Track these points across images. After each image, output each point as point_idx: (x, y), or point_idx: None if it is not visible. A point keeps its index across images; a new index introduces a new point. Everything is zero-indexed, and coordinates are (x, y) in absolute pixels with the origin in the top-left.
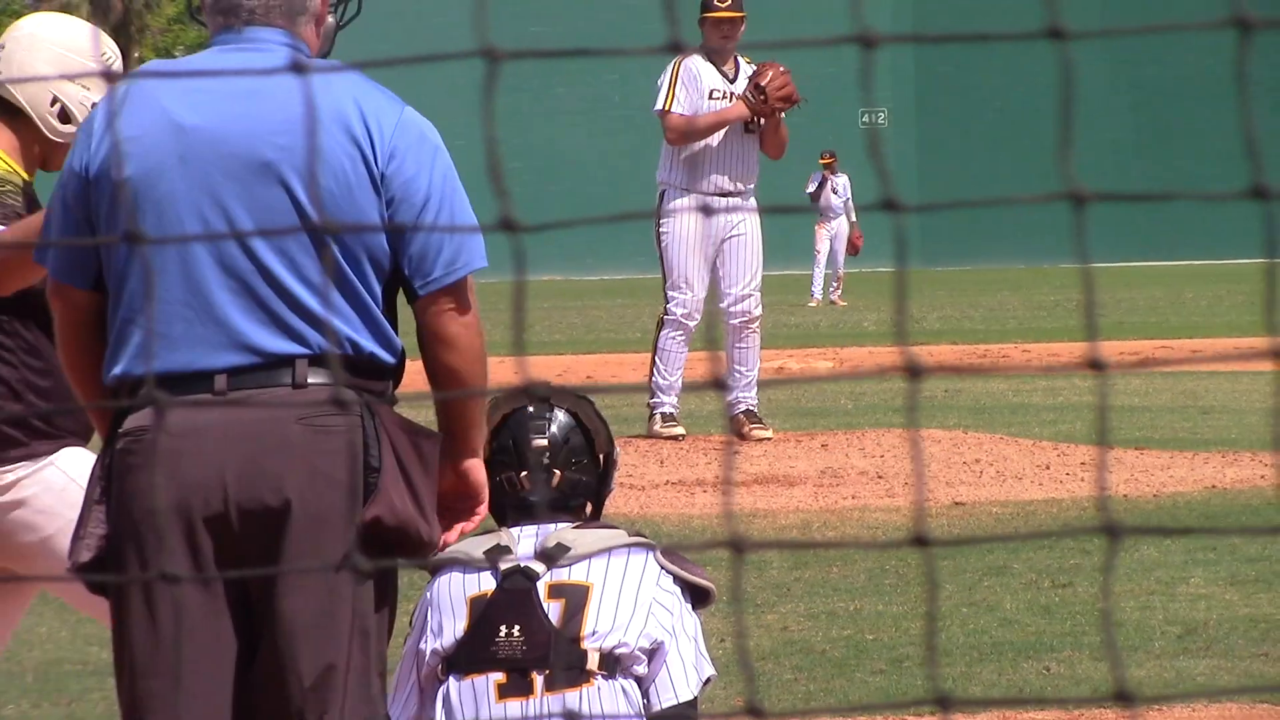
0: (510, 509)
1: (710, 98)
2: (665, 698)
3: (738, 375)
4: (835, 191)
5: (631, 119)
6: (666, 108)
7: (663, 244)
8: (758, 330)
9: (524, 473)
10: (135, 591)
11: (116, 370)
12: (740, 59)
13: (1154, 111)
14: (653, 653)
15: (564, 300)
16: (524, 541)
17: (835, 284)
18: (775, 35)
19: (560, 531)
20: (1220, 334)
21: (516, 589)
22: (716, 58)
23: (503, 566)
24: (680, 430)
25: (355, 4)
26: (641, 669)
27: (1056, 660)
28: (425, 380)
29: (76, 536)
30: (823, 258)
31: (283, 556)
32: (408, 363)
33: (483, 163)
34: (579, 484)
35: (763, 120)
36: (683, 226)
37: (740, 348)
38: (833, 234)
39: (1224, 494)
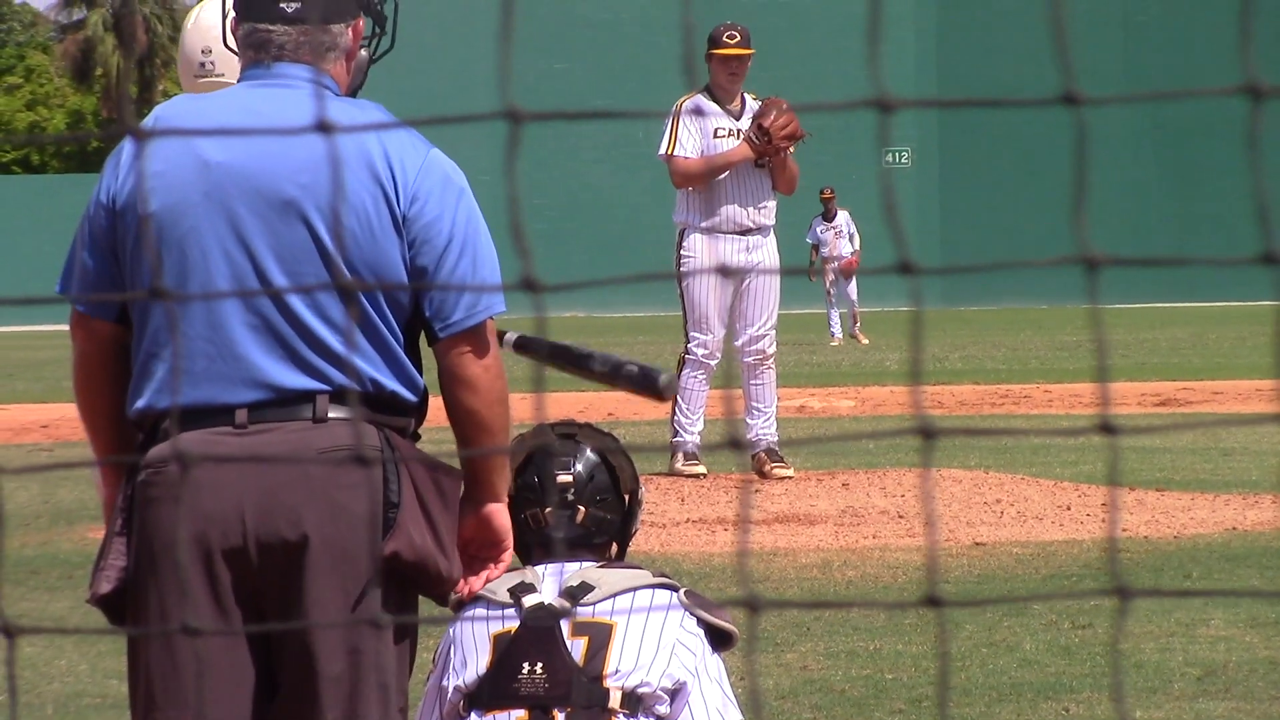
0: (534, 546)
1: (716, 136)
2: None
3: (756, 412)
4: (837, 232)
5: (654, 156)
6: (669, 152)
7: (683, 284)
8: (773, 367)
9: (548, 509)
10: (152, 622)
11: (140, 404)
12: (746, 95)
13: (1177, 150)
14: (675, 693)
15: (587, 337)
16: (548, 579)
17: (853, 320)
18: (793, 69)
19: (584, 570)
20: (1243, 375)
21: (540, 626)
22: (723, 95)
23: (526, 604)
24: (701, 469)
25: (389, 38)
26: (664, 709)
27: (1076, 701)
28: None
29: (97, 568)
30: (834, 297)
31: (301, 590)
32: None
33: (507, 197)
34: (603, 522)
35: (770, 159)
36: (703, 266)
37: (756, 385)
38: (838, 271)
39: (1244, 536)
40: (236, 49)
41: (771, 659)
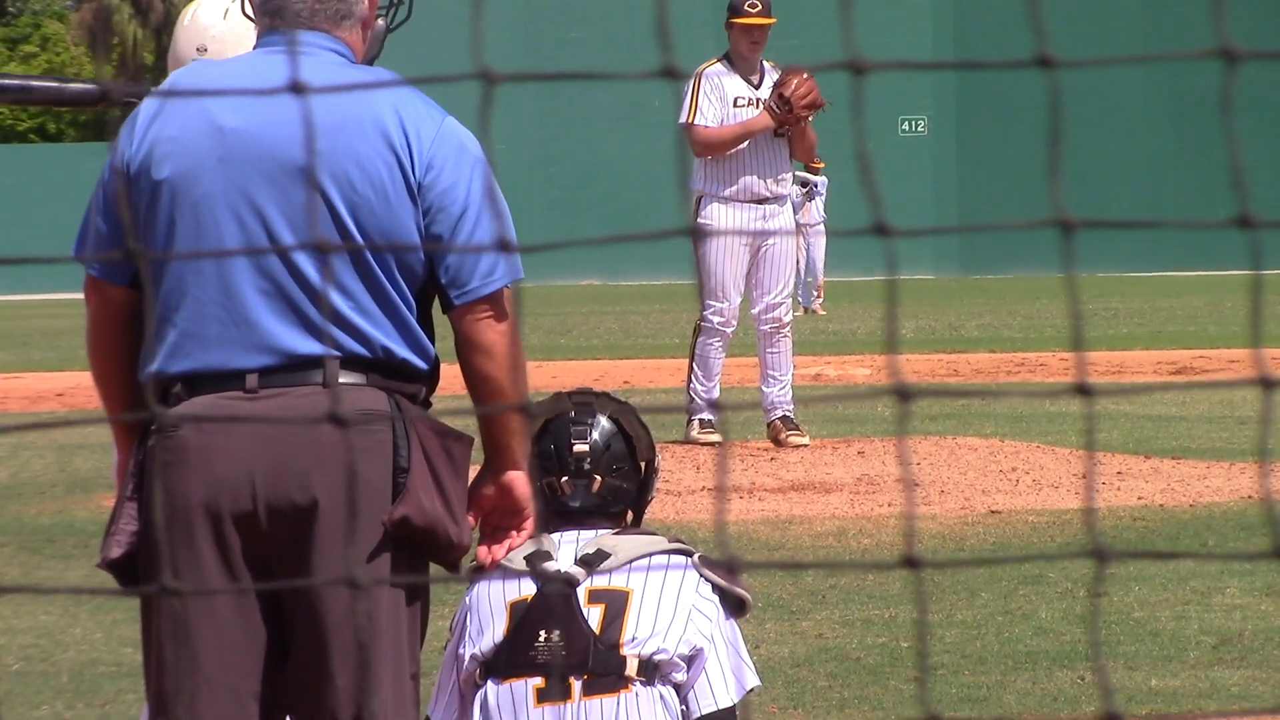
0: (552, 515)
1: (736, 105)
2: (705, 704)
3: (772, 380)
4: (811, 197)
5: (670, 124)
6: (690, 120)
7: (700, 251)
8: (789, 335)
9: (564, 478)
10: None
11: (151, 368)
12: (766, 64)
13: (1193, 122)
14: (692, 659)
15: (602, 305)
16: (564, 547)
17: (816, 292)
18: (807, 36)
19: (600, 537)
20: (1260, 344)
21: (556, 594)
22: (743, 64)
23: (542, 571)
24: (717, 437)
25: (406, 8)
26: (680, 676)
27: (1091, 669)
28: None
29: (108, 533)
30: (801, 265)
31: (311, 555)
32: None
33: (527, 163)
34: (620, 490)
35: (790, 128)
36: (720, 232)
37: (772, 353)
38: (809, 241)
39: (1261, 504)
40: (253, 17)
41: (787, 627)
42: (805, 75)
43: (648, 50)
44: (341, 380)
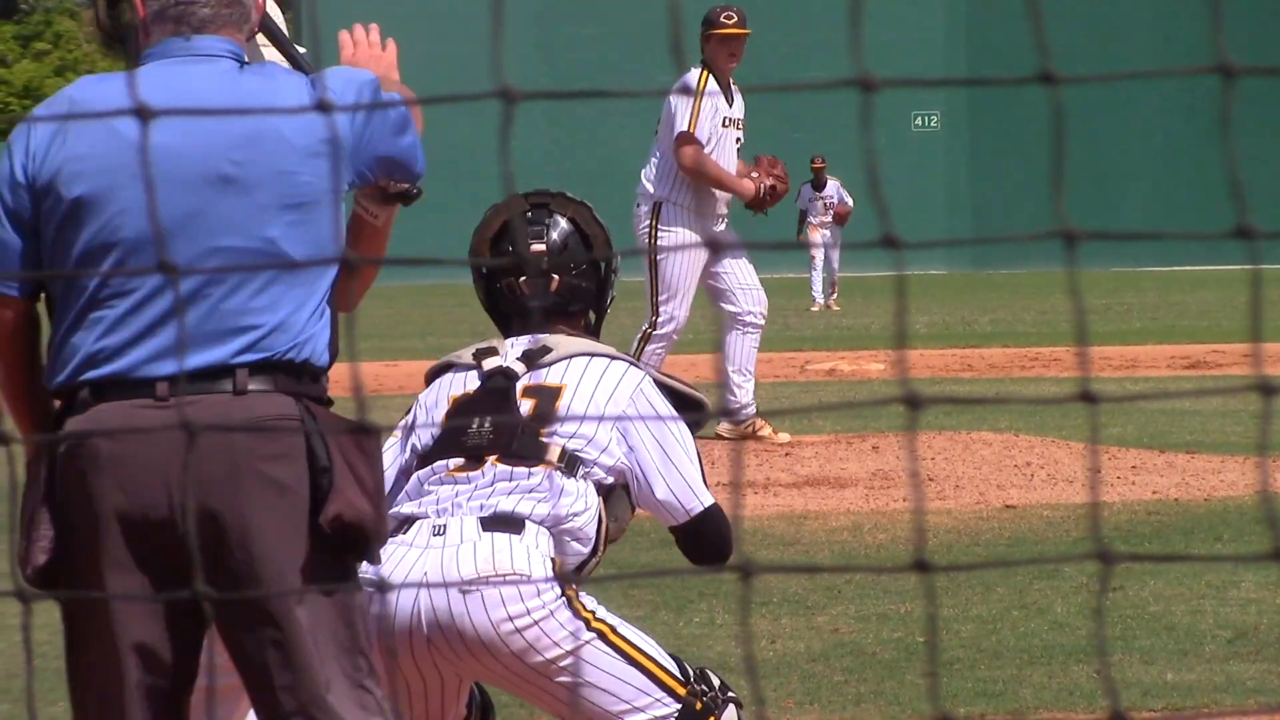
0: (514, 317)
1: (724, 126)
2: (690, 508)
3: (747, 374)
4: (826, 203)
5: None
6: (690, 129)
7: (660, 258)
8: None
9: (523, 279)
10: (82, 601)
11: (61, 378)
12: (733, 82)
13: (1207, 114)
14: (626, 472)
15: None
16: (516, 348)
17: (831, 288)
18: (819, 32)
19: (548, 336)
20: (1275, 338)
21: (496, 388)
22: (721, 77)
23: (486, 367)
24: None
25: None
26: (601, 474)
27: (1100, 670)
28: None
29: (30, 539)
30: (819, 261)
31: (230, 561)
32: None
33: (540, 158)
34: (578, 290)
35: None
36: (683, 242)
37: (753, 349)
38: (825, 239)
39: (1276, 498)
40: (145, 22)
41: (803, 622)
42: (782, 171)
43: (661, 46)
44: (251, 387)
